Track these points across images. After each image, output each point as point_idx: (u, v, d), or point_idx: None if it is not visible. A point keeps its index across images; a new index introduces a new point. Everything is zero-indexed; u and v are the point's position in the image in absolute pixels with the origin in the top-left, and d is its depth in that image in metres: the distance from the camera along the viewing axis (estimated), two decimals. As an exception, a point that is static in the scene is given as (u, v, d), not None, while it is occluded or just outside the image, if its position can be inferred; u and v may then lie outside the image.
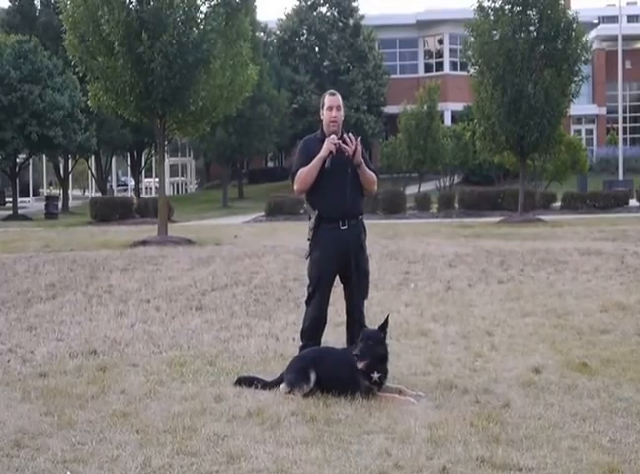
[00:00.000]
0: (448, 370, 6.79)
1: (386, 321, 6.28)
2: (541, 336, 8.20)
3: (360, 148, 6.68)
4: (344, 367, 6.12)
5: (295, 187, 6.83)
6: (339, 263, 6.71)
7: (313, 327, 6.80)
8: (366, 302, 8.04)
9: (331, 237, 6.68)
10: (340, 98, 6.86)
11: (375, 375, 6.05)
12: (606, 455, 4.75)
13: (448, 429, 5.22)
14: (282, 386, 6.18)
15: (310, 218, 6.84)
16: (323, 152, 6.63)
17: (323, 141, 6.72)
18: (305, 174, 6.70)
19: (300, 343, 6.90)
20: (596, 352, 7.40)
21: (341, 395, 6.00)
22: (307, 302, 6.89)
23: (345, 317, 7.00)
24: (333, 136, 6.66)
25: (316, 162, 6.65)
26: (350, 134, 6.70)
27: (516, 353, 7.45)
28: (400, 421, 5.45)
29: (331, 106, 6.76)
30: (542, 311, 9.62)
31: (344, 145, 6.61)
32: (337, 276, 6.85)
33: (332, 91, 6.98)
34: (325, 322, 6.87)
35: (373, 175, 6.89)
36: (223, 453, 4.84)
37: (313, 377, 6.09)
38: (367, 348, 6.07)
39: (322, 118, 6.85)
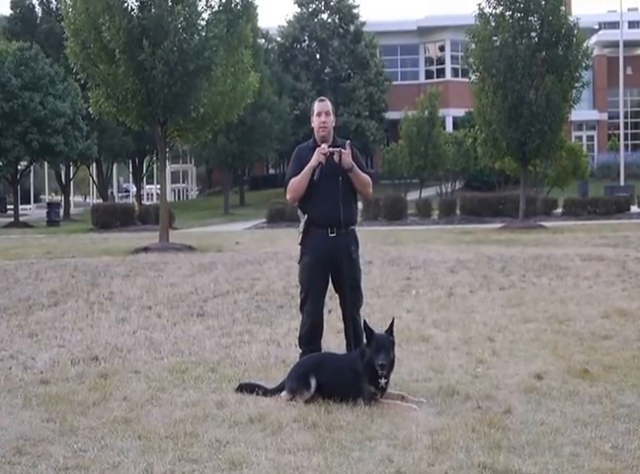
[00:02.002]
0: (450, 376, 6.79)
1: (392, 325, 6.23)
2: (543, 342, 8.19)
3: (348, 151, 6.64)
4: (345, 373, 6.12)
5: (288, 196, 6.85)
6: (328, 270, 6.70)
7: (310, 333, 6.80)
8: (368, 308, 8.05)
9: (319, 243, 6.67)
10: (329, 104, 6.88)
11: (382, 381, 6.05)
12: (608, 461, 4.74)
13: (450, 435, 5.21)
14: (283, 393, 6.17)
15: (301, 221, 6.85)
16: (313, 162, 6.63)
17: (315, 149, 6.73)
18: (296, 184, 6.70)
19: (299, 350, 6.90)
20: (597, 357, 7.39)
21: (342, 401, 5.99)
22: (301, 308, 6.90)
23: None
24: (324, 146, 6.65)
25: (306, 172, 6.65)
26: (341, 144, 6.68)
27: (517, 359, 7.44)
28: (402, 427, 5.45)
29: (320, 112, 6.78)
30: (544, 317, 9.62)
31: (334, 149, 6.60)
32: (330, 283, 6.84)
33: (321, 97, 7.02)
34: (322, 328, 6.86)
35: (367, 177, 6.88)
36: (225, 460, 4.84)
37: (313, 383, 6.08)
38: (388, 355, 6.04)
39: (312, 125, 6.86)
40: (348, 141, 6.76)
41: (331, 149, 6.64)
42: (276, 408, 5.92)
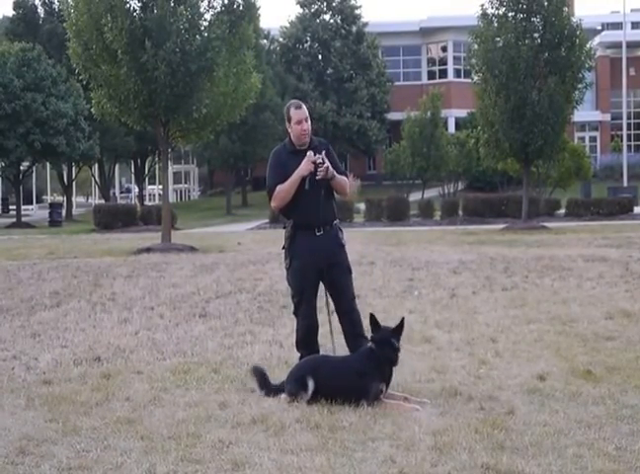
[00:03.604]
0: (453, 377, 6.78)
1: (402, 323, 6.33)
2: (546, 343, 8.18)
3: (328, 164, 6.61)
4: (347, 374, 6.13)
5: (273, 204, 6.80)
6: (320, 268, 6.69)
7: (306, 336, 6.81)
8: (371, 309, 8.01)
9: (308, 245, 6.67)
10: (306, 109, 6.80)
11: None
12: (612, 463, 4.73)
13: (453, 436, 5.20)
14: (283, 396, 6.18)
15: (285, 227, 6.84)
16: (303, 172, 6.58)
17: (293, 152, 6.71)
18: (284, 192, 6.65)
19: (298, 354, 6.90)
20: (600, 359, 7.38)
21: (345, 402, 5.99)
22: (295, 313, 6.90)
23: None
24: (310, 153, 6.61)
25: (295, 180, 6.61)
26: (321, 154, 6.63)
27: (520, 359, 7.43)
28: (404, 428, 5.44)
29: (299, 120, 6.69)
30: (547, 318, 9.60)
31: (320, 170, 6.56)
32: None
33: (297, 103, 6.86)
34: (317, 329, 6.86)
35: (345, 179, 6.89)
36: (228, 460, 4.83)
37: (311, 385, 6.07)
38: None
39: (289, 130, 6.79)
40: (322, 155, 6.63)
41: (319, 159, 6.58)
42: (278, 409, 5.92)
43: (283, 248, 6.85)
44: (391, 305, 10.74)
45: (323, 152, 6.66)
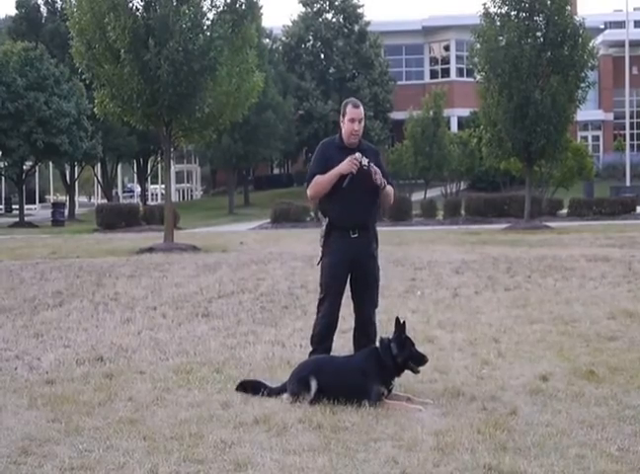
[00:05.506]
0: (455, 378, 6.77)
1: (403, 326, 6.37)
2: (548, 343, 8.18)
3: (376, 169, 6.57)
4: (349, 374, 6.13)
5: (308, 192, 6.83)
6: (349, 270, 6.71)
7: (323, 332, 6.81)
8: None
9: (341, 244, 6.67)
10: (363, 110, 6.79)
11: (394, 381, 6.16)
12: (614, 463, 4.73)
13: (455, 436, 5.20)
14: (285, 396, 6.18)
15: (322, 225, 6.86)
16: (343, 170, 6.55)
17: (341, 148, 6.70)
18: (320, 185, 6.67)
19: (310, 348, 6.91)
20: (603, 359, 7.37)
21: (347, 402, 5.98)
22: (318, 308, 6.91)
23: (353, 325, 6.98)
24: (358, 154, 6.57)
25: (333, 176, 6.59)
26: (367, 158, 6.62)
27: (523, 360, 7.42)
28: (407, 428, 5.44)
29: (354, 118, 6.69)
30: (549, 318, 9.60)
31: (374, 175, 6.53)
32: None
33: (355, 102, 6.84)
34: (335, 328, 6.88)
35: (392, 190, 6.86)
36: (230, 461, 4.84)
37: (314, 386, 6.07)
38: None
39: (342, 126, 6.77)
40: (367, 160, 6.60)
41: (365, 161, 6.55)
42: (281, 409, 5.92)
43: (321, 246, 6.84)
44: (393, 305, 10.71)
45: (366, 160, 6.57)
